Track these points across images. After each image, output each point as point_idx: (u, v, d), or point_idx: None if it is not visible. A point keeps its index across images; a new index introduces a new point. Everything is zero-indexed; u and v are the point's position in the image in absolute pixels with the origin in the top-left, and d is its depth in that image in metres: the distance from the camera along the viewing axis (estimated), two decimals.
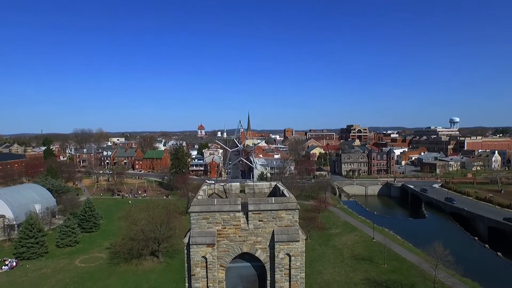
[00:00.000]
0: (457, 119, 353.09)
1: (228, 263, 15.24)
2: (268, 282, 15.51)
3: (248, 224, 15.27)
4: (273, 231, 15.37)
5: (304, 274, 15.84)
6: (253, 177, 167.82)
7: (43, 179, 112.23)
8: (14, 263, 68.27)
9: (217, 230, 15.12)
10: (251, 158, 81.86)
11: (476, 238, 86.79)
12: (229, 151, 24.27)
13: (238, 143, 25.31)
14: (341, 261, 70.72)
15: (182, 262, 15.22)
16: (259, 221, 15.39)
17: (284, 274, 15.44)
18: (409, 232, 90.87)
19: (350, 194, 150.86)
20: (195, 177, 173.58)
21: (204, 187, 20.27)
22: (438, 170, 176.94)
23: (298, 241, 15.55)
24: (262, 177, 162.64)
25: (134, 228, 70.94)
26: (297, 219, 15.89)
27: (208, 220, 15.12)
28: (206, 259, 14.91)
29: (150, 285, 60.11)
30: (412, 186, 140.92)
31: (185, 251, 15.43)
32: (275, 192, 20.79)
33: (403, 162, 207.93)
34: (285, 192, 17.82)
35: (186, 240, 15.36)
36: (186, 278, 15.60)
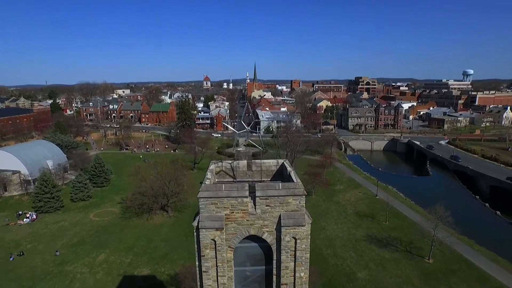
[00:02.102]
0: (471, 71, 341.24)
1: (236, 244, 15.83)
2: (274, 262, 16.19)
3: (255, 209, 15.51)
4: (280, 215, 15.61)
5: (308, 254, 16.43)
6: (259, 130, 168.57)
7: (52, 135, 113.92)
8: (34, 216, 72.39)
9: (225, 215, 15.44)
10: (257, 112, 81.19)
11: (478, 196, 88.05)
12: (237, 133, 23.79)
13: (246, 124, 24.75)
14: (344, 217, 73.28)
15: (191, 217, 15.96)
16: (266, 206, 15.59)
17: (290, 255, 16.00)
18: (412, 190, 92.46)
19: (356, 149, 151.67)
20: (201, 130, 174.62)
21: (212, 166, 20.34)
22: (446, 126, 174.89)
23: (304, 225, 15.81)
24: (268, 131, 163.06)
25: (143, 185, 73.17)
26: (304, 204, 16.02)
27: (217, 205, 15.40)
28: (215, 241, 15.43)
29: (162, 238, 63.62)
30: (418, 143, 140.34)
31: (195, 233, 15.97)
32: (281, 171, 20.83)
33: (411, 117, 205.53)
34: (292, 175, 17.77)
35: (195, 224, 15.82)
36: (196, 258, 16.37)
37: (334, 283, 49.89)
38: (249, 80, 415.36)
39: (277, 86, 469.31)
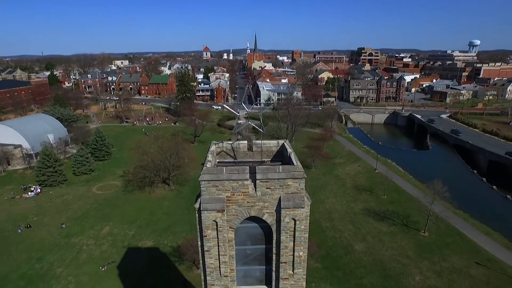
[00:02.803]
0: (477, 42, 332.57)
1: (237, 225, 16.27)
2: (274, 241, 16.71)
3: (256, 191, 15.79)
4: (280, 197, 15.90)
5: (307, 235, 16.92)
6: (259, 102, 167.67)
7: (52, 108, 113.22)
8: (39, 190, 73.59)
9: (227, 197, 15.74)
10: (258, 84, 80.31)
11: (476, 171, 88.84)
12: (237, 115, 23.61)
13: (247, 106, 24.34)
14: (343, 191, 74.41)
15: (192, 190, 16.45)
16: (266, 188, 15.84)
17: (289, 235, 16.48)
18: (411, 164, 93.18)
19: (356, 122, 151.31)
20: (201, 102, 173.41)
21: (212, 147, 20.39)
22: (448, 99, 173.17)
23: (304, 207, 16.14)
24: (268, 103, 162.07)
25: (144, 159, 73.72)
26: (303, 187, 16.27)
27: (218, 187, 15.67)
28: (216, 222, 15.84)
29: (164, 211, 65.01)
30: (419, 116, 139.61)
31: (197, 215, 16.38)
32: (282, 152, 20.94)
33: (413, 90, 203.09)
34: (292, 156, 17.90)
35: (197, 206, 16.17)
36: (199, 238, 16.88)
37: (332, 255, 51.60)
38: (249, 51, 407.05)
39: (278, 56, 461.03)
